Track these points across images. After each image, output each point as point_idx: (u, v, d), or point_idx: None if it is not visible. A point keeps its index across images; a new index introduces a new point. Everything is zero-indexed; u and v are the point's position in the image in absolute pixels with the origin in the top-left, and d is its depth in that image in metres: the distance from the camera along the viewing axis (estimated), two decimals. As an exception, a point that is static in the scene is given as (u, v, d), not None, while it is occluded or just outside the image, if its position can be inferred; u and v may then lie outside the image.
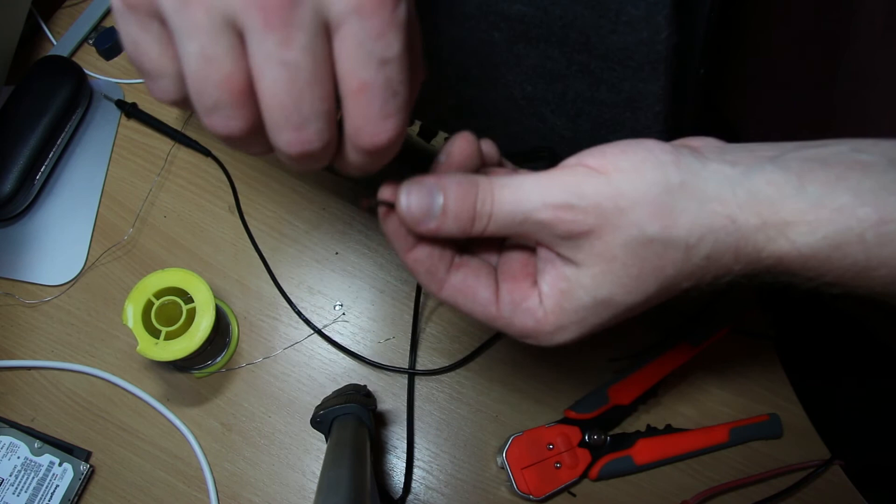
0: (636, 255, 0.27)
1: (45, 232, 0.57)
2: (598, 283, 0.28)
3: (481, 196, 0.28)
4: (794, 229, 0.26)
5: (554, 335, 0.30)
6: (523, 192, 0.28)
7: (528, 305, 0.30)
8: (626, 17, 0.33)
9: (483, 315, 0.31)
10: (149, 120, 0.60)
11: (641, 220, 0.27)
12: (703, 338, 0.54)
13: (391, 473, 0.52)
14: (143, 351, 0.47)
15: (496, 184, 0.28)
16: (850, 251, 0.25)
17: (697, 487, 0.52)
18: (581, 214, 0.27)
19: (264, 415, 0.53)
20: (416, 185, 0.28)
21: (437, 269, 0.30)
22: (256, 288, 0.57)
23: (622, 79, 0.35)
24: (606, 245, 0.27)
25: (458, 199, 0.28)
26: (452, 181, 0.28)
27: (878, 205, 0.25)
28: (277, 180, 0.60)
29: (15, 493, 0.48)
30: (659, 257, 0.27)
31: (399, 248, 0.30)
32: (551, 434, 0.51)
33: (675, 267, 0.27)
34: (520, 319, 0.30)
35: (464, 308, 0.31)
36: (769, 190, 0.26)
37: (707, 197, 0.27)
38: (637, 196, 0.27)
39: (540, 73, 0.38)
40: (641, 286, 0.28)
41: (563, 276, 0.28)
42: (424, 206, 0.28)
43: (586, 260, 0.28)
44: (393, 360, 0.55)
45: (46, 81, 0.58)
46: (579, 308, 0.28)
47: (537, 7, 0.35)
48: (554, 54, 0.36)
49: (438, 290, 0.31)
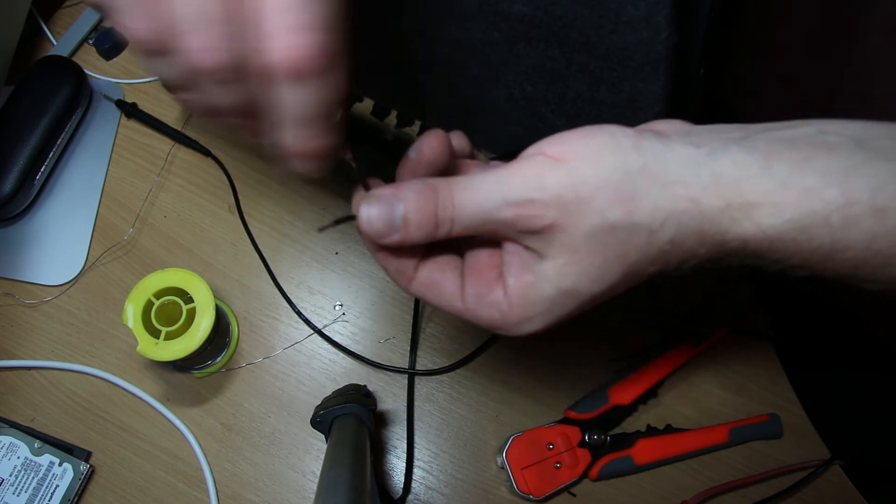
0: (599, 244, 0.27)
1: (45, 232, 0.57)
2: (563, 275, 0.27)
3: (441, 202, 0.27)
4: (759, 211, 0.26)
5: (521, 326, 0.29)
6: (483, 193, 0.27)
7: (492, 298, 0.29)
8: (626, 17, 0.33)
9: (450, 308, 0.31)
10: (149, 120, 0.60)
11: (603, 207, 0.26)
12: (703, 338, 0.54)
13: (391, 473, 0.52)
14: (143, 351, 0.47)
15: (455, 187, 0.28)
16: (816, 234, 0.25)
17: (697, 487, 0.52)
18: (542, 209, 0.27)
19: (264, 415, 0.53)
20: (375, 199, 0.28)
21: (406, 267, 0.31)
22: (256, 288, 0.57)
23: (622, 79, 0.35)
24: (570, 236, 0.27)
25: (419, 208, 0.27)
26: (410, 191, 0.28)
27: (844, 186, 0.25)
28: (277, 180, 0.60)
29: (15, 493, 0.48)
30: (622, 244, 0.27)
31: (369, 247, 0.30)
32: (551, 434, 0.51)
33: (638, 253, 0.27)
34: (485, 312, 0.30)
35: (432, 302, 0.31)
36: (734, 171, 0.26)
37: (669, 180, 0.26)
38: (597, 183, 0.26)
39: (540, 73, 0.38)
40: (605, 275, 0.27)
41: (529, 269, 0.28)
42: (385, 219, 0.28)
43: (550, 252, 0.27)
44: (393, 360, 0.55)
45: (46, 81, 0.58)
46: (544, 300, 0.28)
47: (537, 7, 0.35)
48: (554, 54, 0.36)
49: (407, 285, 0.31)
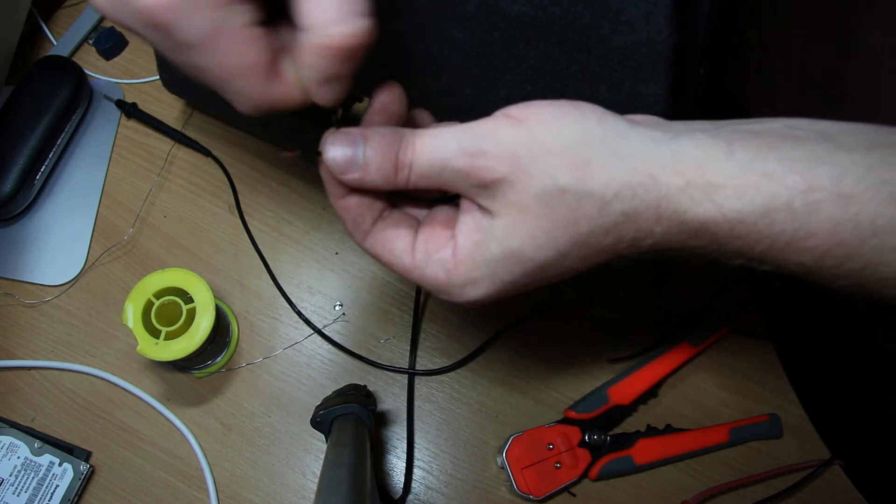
0: (548, 206, 0.26)
1: (45, 232, 0.57)
2: (510, 234, 0.27)
3: (403, 146, 0.28)
4: (720, 192, 0.25)
5: (464, 289, 0.29)
6: (441, 140, 0.27)
7: (440, 256, 0.29)
8: (626, 17, 0.33)
9: (398, 266, 0.30)
10: (149, 120, 0.60)
11: (555, 169, 0.26)
12: (703, 338, 0.54)
13: (391, 473, 0.52)
14: (143, 351, 0.47)
15: (419, 134, 0.28)
16: (779, 218, 0.25)
17: (697, 487, 0.52)
18: (493, 161, 0.26)
19: (264, 415, 0.53)
20: (342, 134, 0.29)
21: (364, 220, 0.31)
22: (256, 288, 0.57)
23: (622, 79, 0.35)
24: (519, 194, 0.26)
25: (381, 148, 0.28)
26: (377, 132, 0.28)
27: (807, 173, 0.25)
28: (277, 180, 0.60)
29: (15, 493, 0.48)
30: (571, 210, 0.26)
31: (331, 193, 0.30)
32: (551, 434, 0.51)
33: (589, 222, 0.27)
34: (431, 270, 0.29)
35: (382, 259, 0.31)
36: (696, 153, 0.26)
37: (628, 154, 0.26)
38: (553, 146, 0.26)
39: (540, 73, 0.38)
40: (552, 240, 0.27)
41: (479, 227, 0.28)
42: (348, 155, 0.28)
43: (500, 210, 0.27)
44: (393, 360, 0.55)
45: (46, 81, 0.58)
46: (490, 260, 0.28)
47: (537, 7, 0.35)
48: (554, 54, 0.36)
49: (362, 240, 0.31)
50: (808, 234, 0.25)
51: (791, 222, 0.25)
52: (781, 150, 0.25)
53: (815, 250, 0.25)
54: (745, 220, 0.25)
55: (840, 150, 0.25)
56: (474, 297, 0.29)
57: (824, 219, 0.25)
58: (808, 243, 0.25)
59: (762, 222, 0.25)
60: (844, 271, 0.25)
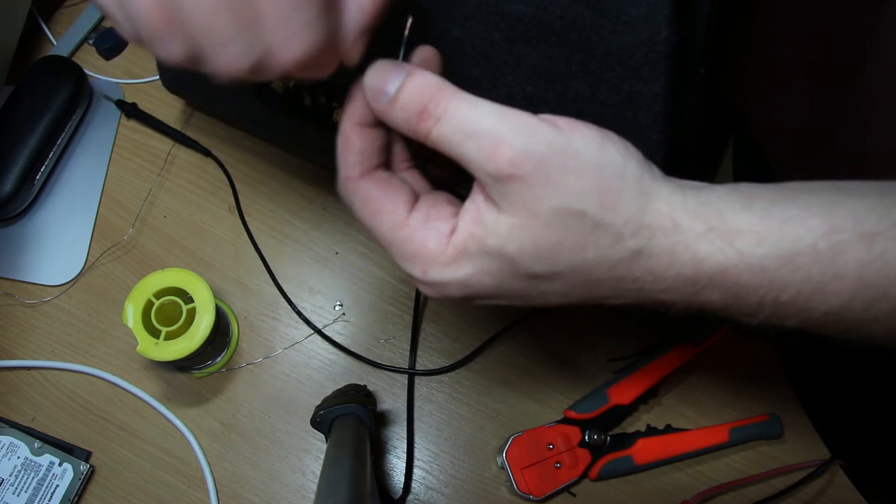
0: (562, 223, 0.25)
1: (45, 232, 0.57)
2: (512, 236, 0.26)
3: (438, 98, 0.26)
4: (742, 238, 0.25)
5: (444, 269, 0.27)
6: (479, 113, 0.26)
7: (437, 225, 0.28)
8: (626, 17, 0.33)
9: (388, 219, 0.28)
10: (149, 120, 0.60)
11: (582, 189, 0.25)
12: (703, 338, 0.54)
13: (391, 473, 0.52)
14: (143, 351, 0.47)
15: (459, 95, 0.27)
16: (803, 263, 0.24)
17: (697, 487, 0.52)
18: (523, 157, 0.25)
19: (264, 415, 0.53)
20: (391, 63, 0.28)
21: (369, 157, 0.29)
22: (256, 288, 0.57)
23: (622, 79, 0.35)
24: (536, 199, 0.25)
25: (416, 90, 0.27)
26: (423, 74, 0.27)
27: (827, 216, 0.25)
28: (277, 180, 0.60)
29: (15, 493, 0.48)
30: (583, 235, 0.25)
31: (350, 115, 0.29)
32: (551, 434, 0.51)
33: (596, 251, 0.26)
34: (422, 234, 0.28)
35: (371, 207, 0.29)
36: (718, 202, 0.26)
37: (657, 196, 0.26)
38: (588, 165, 0.25)
39: (540, 73, 0.38)
40: (553, 258, 0.26)
41: (481, 219, 0.27)
42: (384, 81, 0.27)
43: (509, 208, 0.26)
44: (393, 360, 0.55)
45: (46, 81, 0.58)
46: (482, 253, 0.26)
47: (537, 7, 0.35)
48: (554, 54, 0.36)
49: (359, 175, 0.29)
50: (833, 277, 0.24)
51: (816, 265, 0.24)
52: (798, 200, 0.25)
53: (842, 294, 0.25)
54: (768, 266, 0.25)
55: (854, 195, 0.25)
56: (448, 279, 0.27)
57: (850, 260, 0.24)
58: (834, 287, 0.25)
59: (786, 268, 0.25)
60: (873, 315, 0.25)
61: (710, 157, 0.59)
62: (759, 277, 0.25)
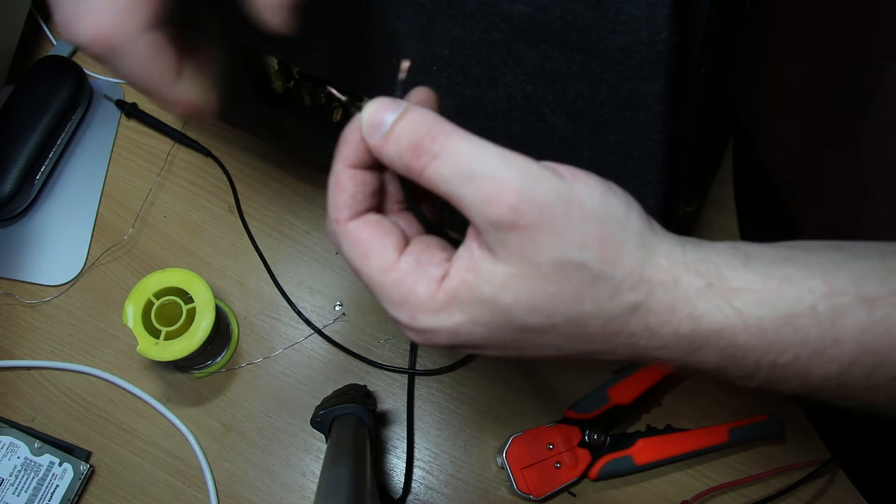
0: (561, 275, 0.24)
1: (45, 232, 0.57)
2: (507, 286, 0.25)
3: (435, 134, 0.25)
4: (740, 297, 0.24)
5: (433, 317, 0.26)
6: (482, 154, 0.24)
7: (429, 270, 0.26)
8: (626, 17, 0.33)
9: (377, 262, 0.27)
10: (149, 120, 0.60)
11: (585, 241, 0.24)
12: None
13: (391, 473, 0.52)
14: (143, 351, 0.47)
15: (459, 132, 0.25)
16: (802, 325, 0.24)
17: (697, 487, 0.52)
18: (527, 204, 0.24)
19: (264, 415, 0.53)
20: (388, 99, 0.27)
21: (360, 200, 0.28)
22: (256, 288, 0.57)
23: (622, 79, 0.35)
24: (536, 249, 0.24)
25: (412, 124, 0.25)
26: (419, 110, 0.26)
27: (827, 278, 0.24)
28: (277, 180, 0.60)
29: (15, 493, 0.48)
30: (582, 287, 0.24)
31: (343, 156, 0.28)
32: (551, 434, 0.51)
33: (594, 305, 0.25)
34: (412, 279, 0.26)
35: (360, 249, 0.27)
36: (718, 259, 0.25)
37: (658, 250, 0.25)
38: (591, 215, 0.24)
39: (540, 73, 0.38)
40: (548, 310, 0.25)
41: (475, 268, 0.25)
42: (380, 116, 0.26)
43: (507, 257, 0.25)
44: (393, 360, 0.55)
45: (46, 81, 0.58)
46: (475, 301, 0.25)
47: (537, 7, 0.35)
48: (554, 54, 0.36)
49: (349, 217, 0.28)
50: (833, 341, 0.24)
51: (815, 328, 0.24)
52: (797, 259, 0.25)
53: (842, 359, 0.24)
54: (766, 327, 0.24)
55: (856, 257, 0.25)
56: (436, 327, 0.26)
57: (850, 324, 0.23)
58: (833, 351, 0.24)
59: (785, 330, 0.24)
60: (874, 383, 0.24)
61: (710, 157, 0.59)
62: (756, 338, 0.24)
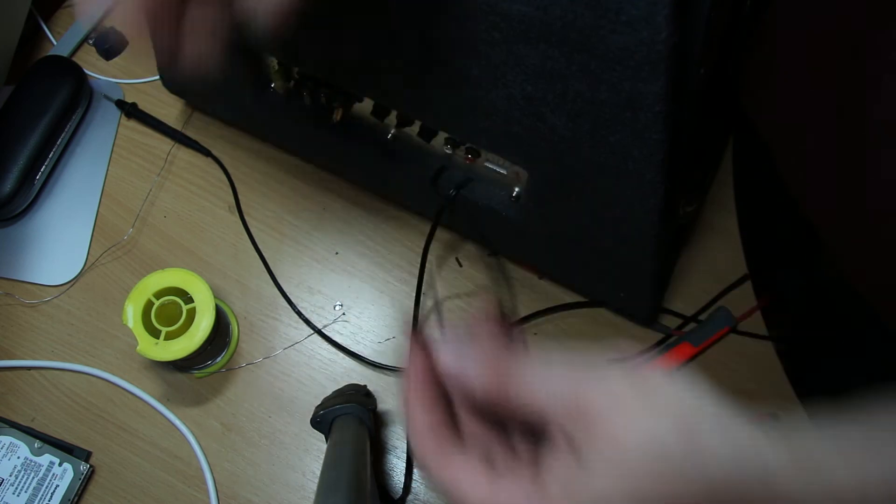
0: (646, 459, 0.25)
1: (45, 232, 0.57)
2: (606, 487, 0.25)
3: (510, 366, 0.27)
4: None
5: None
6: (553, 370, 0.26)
7: (520, 472, 0.26)
8: (626, 17, 0.33)
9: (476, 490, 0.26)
10: (149, 120, 0.61)
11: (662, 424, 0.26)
12: (703, 338, 0.54)
13: (391, 473, 0.52)
14: (143, 351, 0.47)
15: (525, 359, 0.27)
16: None
17: (697, 487, 0.52)
18: (604, 396, 0.26)
19: (264, 415, 0.53)
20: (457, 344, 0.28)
21: (446, 445, 0.28)
22: (256, 288, 0.57)
23: (622, 79, 0.35)
24: (618, 437, 0.25)
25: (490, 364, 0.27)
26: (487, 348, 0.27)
27: None
28: (277, 180, 0.60)
29: (15, 493, 0.48)
30: (675, 472, 0.25)
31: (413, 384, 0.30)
32: (551, 434, 0.51)
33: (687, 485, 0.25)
34: (508, 483, 0.26)
35: (461, 486, 0.26)
36: None
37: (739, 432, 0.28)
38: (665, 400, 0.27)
39: (540, 73, 0.38)
40: (640, 495, 0.25)
41: (570, 473, 0.25)
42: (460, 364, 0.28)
43: (592, 450, 0.25)
44: (393, 360, 0.55)
45: (46, 81, 0.58)
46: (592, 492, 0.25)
47: (537, 7, 0.35)
48: (554, 54, 0.36)
49: (444, 467, 0.27)
50: None
51: None
52: None
53: None
54: None
55: None
56: None
57: None
58: None
59: None
60: None
61: (710, 157, 0.59)
62: None
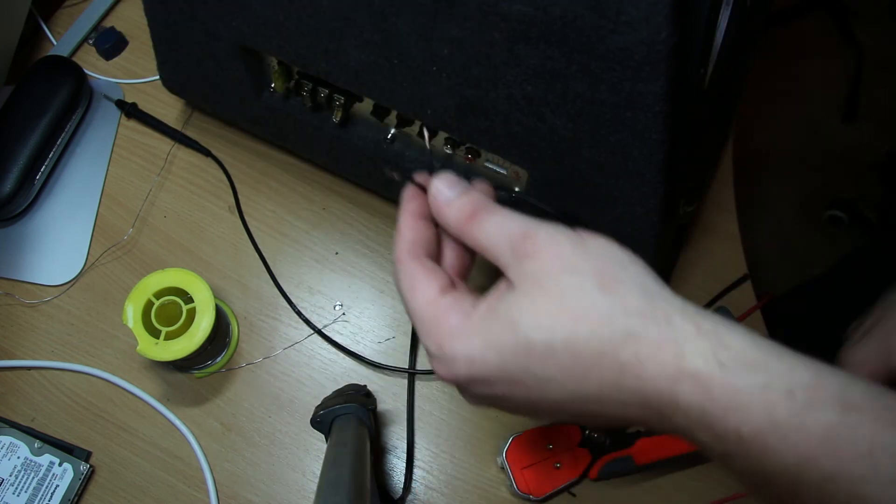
0: (562, 294, 0.28)
1: (45, 232, 0.57)
2: (518, 304, 0.28)
3: (484, 205, 0.32)
4: (727, 354, 0.25)
5: (455, 343, 0.30)
6: (513, 217, 0.30)
7: (463, 306, 0.30)
8: (626, 17, 0.33)
9: (423, 294, 0.32)
10: (149, 120, 0.61)
11: (586, 269, 0.28)
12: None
13: (391, 473, 0.52)
14: (143, 351, 0.47)
15: (500, 209, 0.31)
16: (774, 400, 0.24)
17: (697, 487, 0.52)
18: (541, 236, 0.29)
19: (264, 415, 0.53)
20: (456, 177, 0.33)
21: (422, 245, 0.33)
22: (256, 288, 0.57)
23: (622, 79, 0.36)
24: (545, 273, 0.29)
25: (470, 201, 0.32)
26: (475, 194, 0.33)
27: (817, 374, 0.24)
28: (277, 180, 0.60)
29: (15, 493, 0.48)
30: (580, 307, 0.27)
31: (405, 208, 0.34)
32: (551, 434, 0.51)
33: (589, 326, 0.27)
34: (446, 311, 0.31)
35: (414, 280, 0.32)
36: (719, 320, 0.26)
37: (658, 296, 0.27)
38: (596, 254, 0.29)
39: (540, 73, 0.38)
40: (548, 324, 0.27)
41: (498, 296, 0.30)
42: (450, 187, 0.33)
43: (522, 283, 0.29)
44: (393, 360, 0.55)
45: (46, 81, 0.58)
46: (492, 322, 0.29)
47: (537, 7, 0.35)
48: (554, 54, 0.36)
49: (413, 257, 0.33)
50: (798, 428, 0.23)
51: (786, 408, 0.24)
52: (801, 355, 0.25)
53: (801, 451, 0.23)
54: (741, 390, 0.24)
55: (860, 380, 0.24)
56: (457, 354, 0.29)
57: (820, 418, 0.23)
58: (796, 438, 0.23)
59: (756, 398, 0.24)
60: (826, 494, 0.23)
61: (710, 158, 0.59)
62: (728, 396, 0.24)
